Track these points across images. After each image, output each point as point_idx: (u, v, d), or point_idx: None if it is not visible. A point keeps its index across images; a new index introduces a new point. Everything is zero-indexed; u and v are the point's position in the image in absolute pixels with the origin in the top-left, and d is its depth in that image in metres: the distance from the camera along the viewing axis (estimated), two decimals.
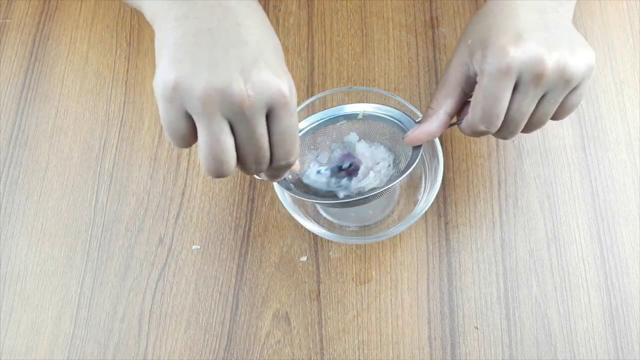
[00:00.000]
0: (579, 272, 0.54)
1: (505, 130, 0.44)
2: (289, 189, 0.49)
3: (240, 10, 0.39)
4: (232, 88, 0.36)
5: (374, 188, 0.49)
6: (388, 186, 0.47)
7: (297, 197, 0.49)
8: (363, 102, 0.52)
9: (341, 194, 0.50)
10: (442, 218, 0.56)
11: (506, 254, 0.55)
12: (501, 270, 0.54)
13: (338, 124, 0.52)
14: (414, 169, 0.47)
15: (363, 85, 0.61)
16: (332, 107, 0.52)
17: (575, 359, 0.51)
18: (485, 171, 0.58)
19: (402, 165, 0.50)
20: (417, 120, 0.48)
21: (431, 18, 0.64)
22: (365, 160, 0.51)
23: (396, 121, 0.50)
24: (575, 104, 0.44)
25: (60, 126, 0.60)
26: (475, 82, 0.43)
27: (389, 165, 0.51)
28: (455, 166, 0.58)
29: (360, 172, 0.51)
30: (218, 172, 0.39)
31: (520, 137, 0.59)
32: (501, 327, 0.52)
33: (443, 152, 0.51)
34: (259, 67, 0.37)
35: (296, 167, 0.47)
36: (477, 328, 0.52)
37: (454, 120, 0.46)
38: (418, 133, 0.46)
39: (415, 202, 0.53)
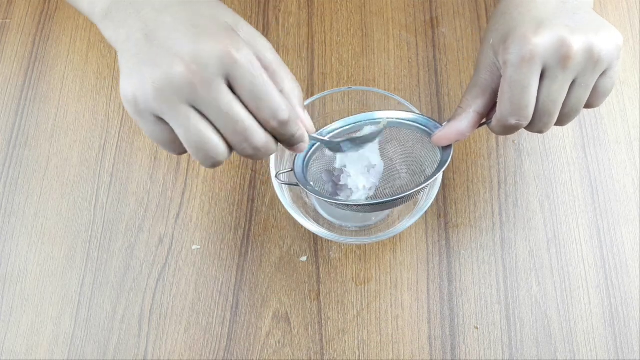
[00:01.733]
0: (579, 272, 0.54)
1: (538, 123, 0.43)
2: (306, 186, 0.47)
3: (176, 2, 0.39)
4: (175, 70, 0.35)
5: (404, 191, 0.47)
6: (420, 187, 0.45)
7: (320, 198, 0.47)
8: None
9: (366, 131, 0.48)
10: (442, 218, 0.56)
11: (506, 254, 0.55)
12: (501, 270, 0.54)
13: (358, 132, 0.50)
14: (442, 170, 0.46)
15: (363, 85, 0.61)
16: (336, 108, 0.51)
17: (575, 359, 0.51)
18: (485, 171, 0.58)
19: (429, 172, 0.48)
20: (444, 123, 0.47)
21: (431, 18, 0.64)
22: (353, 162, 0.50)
23: (422, 127, 0.48)
24: (609, 88, 0.43)
25: (60, 126, 0.60)
26: None
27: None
28: (455, 166, 0.58)
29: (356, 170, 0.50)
30: (211, 161, 0.38)
31: (520, 137, 0.59)
32: (501, 327, 0.52)
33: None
34: (196, 43, 0.36)
35: (308, 125, 0.43)
36: (477, 328, 0.52)
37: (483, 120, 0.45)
38: (447, 132, 0.45)
39: (415, 202, 0.53)
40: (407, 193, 0.45)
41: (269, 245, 0.55)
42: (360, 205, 0.47)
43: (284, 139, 0.40)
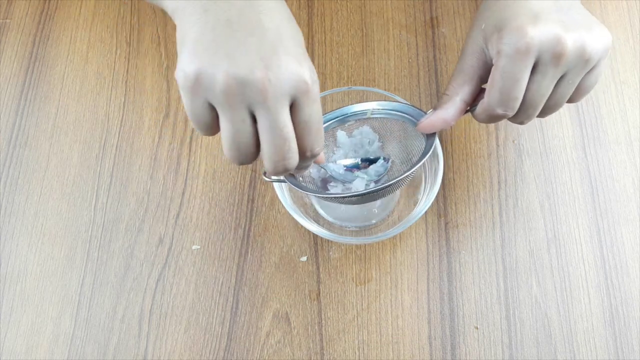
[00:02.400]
0: (579, 272, 0.54)
1: (522, 114, 0.43)
2: (297, 186, 0.47)
3: (260, 0, 0.39)
4: (253, 76, 0.35)
5: (386, 181, 0.48)
6: (403, 176, 0.45)
7: (306, 192, 0.47)
8: (365, 101, 0.52)
9: (357, 186, 0.50)
10: (442, 218, 0.56)
11: (506, 254, 0.55)
12: (501, 270, 0.54)
13: (347, 124, 0.51)
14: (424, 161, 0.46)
15: (363, 85, 0.61)
16: (335, 108, 0.52)
17: (575, 359, 0.51)
18: (485, 171, 0.58)
19: (415, 160, 0.49)
20: (428, 112, 0.47)
21: (431, 18, 0.64)
22: (345, 148, 0.51)
23: (407, 116, 0.49)
24: (592, 85, 0.43)
25: (60, 126, 0.60)
26: (491, 68, 0.42)
27: (384, 161, 0.51)
28: (455, 166, 0.58)
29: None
30: (241, 161, 0.39)
31: (521, 137, 0.59)
32: (501, 327, 0.52)
33: (443, 152, 0.51)
34: (279, 55, 0.36)
35: (321, 158, 0.46)
36: (477, 328, 0.52)
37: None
38: (433, 119, 0.45)
39: (415, 202, 0.53)
40: (391, 182, 0.45)
41: (269, 245, 0.55)
42: (346, 196, 0.47)
43: (300, 165, 0.42)
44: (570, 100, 0.44)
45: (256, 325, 0.53)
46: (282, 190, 0.51)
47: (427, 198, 0.50)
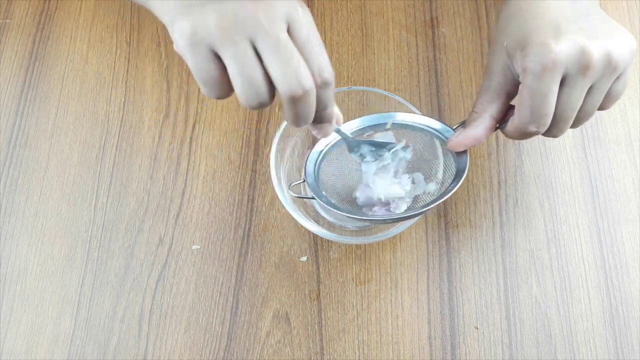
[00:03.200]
0: (579, 272, 0.54)
1: (554, 129, 0.43)
2: (319, 196, 0.47)
3: None
4: (244, 8, 0.36)
5: (416, 201, 0.47)
6: (442, 199, 0.45)
7: (334, 210, 0.47)
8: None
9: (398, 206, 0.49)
10: (442, 218, 0.56)
11: (506, 254, 0.55)
12: (501, 270, 0.54)
13: (365, 135, 0.50)
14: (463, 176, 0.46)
15: (363, 85, 0.61)
16: (352, 114, 0.50)
17: (575, 359, 0.51)
18: (485, 171, 0.58)
19: (439, 174, 0.48)
20: (454, 127, 0.46)
21: (431, 18, 0.64)
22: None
23: (431, 129, 0.48)
24: (622, 91, 0.43)
25: (60, 126, 0.60)
26: (517, 85, 0.42)
27: (413, 182, 0.50)
28: None
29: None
30: (259, 101, 0.38)
31: None
32: (501, 327, 0.52)
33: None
34: None
35: (338, 116, 0.44)
36: (477, 328, 0.52)
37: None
38: (464, 138, 0.45)
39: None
40: (430, 207, 0.45)
41: (269, 245, 0.55)
42: (378, 220, 0.47)
43: (319, 107, 0.40)
44: (600, 108, 0.44)
45: (256, 325, 0.53)
46: (282, 190, 0.51)
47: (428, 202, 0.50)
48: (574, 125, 0.44)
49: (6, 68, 0.62)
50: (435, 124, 0.48)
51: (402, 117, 0.49)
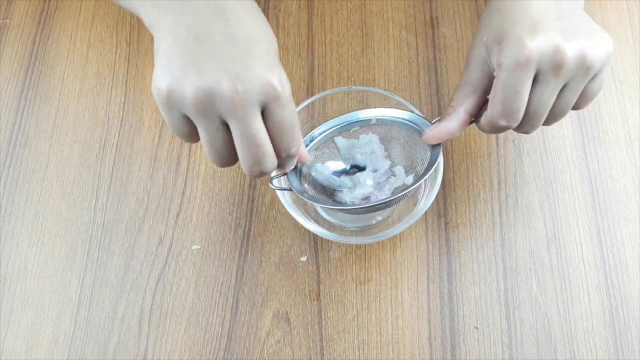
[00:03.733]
0: (579, 272, 0.54)
1: (527, 125, 0.44)
2: (301, 193, 0.48)
3: (229, 9, 0.39)
4: (221, 87, 0.36)
5: (394, 192, 0.48)
6: (410, 189, 0.46)
7: (308, 200, 0.48)
8: (364, 102, 0.52)
9: (344, 194, 0.50)
10: (442, 218, 0.56)
11: (506, 254, 0.55)
12: (501, 270, 0.54)
13: (351, 130, 0.51)
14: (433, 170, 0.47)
15: (363, 85, 0.61)
16: (336, 108, 0.52)
17: (575, 359, 0.51)
18: (485, 171, 0.58)
19: (420, 169, 0.49)
20: (433, 121, 0.47)
21: (431, 18, 0.64)
22: (344, 151, 0.52)
23: (412, 124, 0.49)
24: (597, 91, 0.44)
25: (60, 126, 0.60)
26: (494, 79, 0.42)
27: (389, 177, 0.51)
28: (455, 166, 0.58)
29: (364, 174, 0.51)
30: (223, 164, 0.41)
31: (520, 137, 0.59)
32: (501, 327, 0.52)
33: (443, 152, 0.51)
34: (247, 63, 0.37)
35: (303, 156, 0.46)
36: (477, 328, 0.52)
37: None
38: (438, 131, 0.46)
39: (415, 202, 0.53)
40: (398, 195, 0.47)
41: (269, 245, 0.55)
42: (354, 208, 0.48)
43: (282, 164, 0.43)
44: (575, 107, 0.44)
45: (256, 325, 0.53)
46: (282, 191, 0.51)
47: (427, 198, 0.50)
48: (547, 123, 0.45)
49: (6, 68, 0.62)
50: (414, 118, 0.49)
51: (381, 112, 0.50)
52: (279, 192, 0.50)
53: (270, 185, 0.48)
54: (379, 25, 0.64)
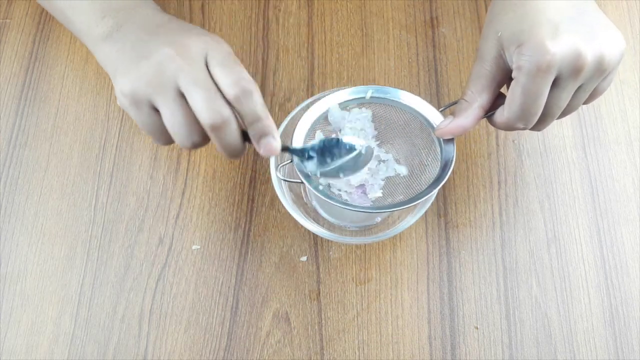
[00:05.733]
0: (579, 272, 0.54)
1: (540, 124, 0.44)
2: (316, 188, 0.47)
3: (159, 19, 0.46)
4: (165, 54, 0.41)
5: (416, 196, 0.47)
6: (432, 192, 0.45)
7: (326, 199, 0.46)
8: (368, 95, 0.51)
9: (339, 182, 0.49)
10: (442, 218, 0.56)
11: (506, 254, 0.55)
12: (501, 270, 0.54)
13: (348, 107, 0.50)
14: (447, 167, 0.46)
15: (363, 85, 0.61)
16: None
17: (575, 359, 0.51)
18: (485, 171, 0.58)
19: (416, 158, 0.48)
20: (441, 109, 0.47)
21: (431, 18, 0.64)
22: (338, 124, 0.50)
23: (414, 108, 0.48)
24: (606, 88, 0.44)
25: (60, 126, 0.60)
26: (509, 75, 0.42)
27: (379, 163, 0.51)
28: (455, 166, 0.58)
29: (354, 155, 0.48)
30: (192, 139, 0.43)
31: (520, 137, 0.59)
32: (501, 327, 0.52)
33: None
34: (184, 34, 0.43)
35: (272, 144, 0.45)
36: (477, 328, 0.52)
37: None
38: (453, 127, 0.45)
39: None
40: (415, 202, 0.46)
41: (269, 245, 0.55)
42: (362, 209, 0.47)
43: (250, 118, 0.42)
44: (583, 103, 0.45)
45: (256, 325, 0.53)
46: (282, 190, 0.51)
47: (427, 198, 0.50)
48: (557, 119, 0.45)
49: (6, 68, 0.62)
50: (421, 104, 0.48)
51: (383, 91, 0.49)
52: (278, 192, 0.50)
53: (278, 175, 0.48)
54: (379, 25, 0.64)
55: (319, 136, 0.50)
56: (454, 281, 0.54)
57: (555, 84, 0.41)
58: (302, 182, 0.47)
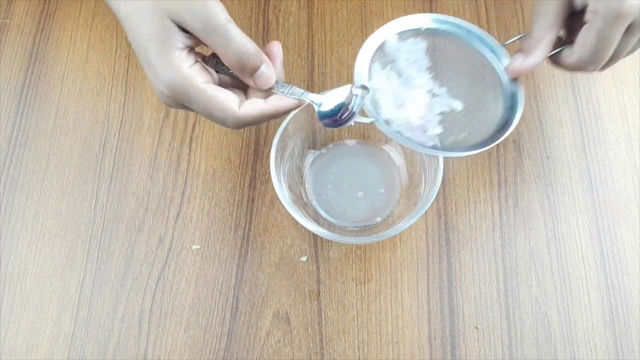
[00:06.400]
0: (579, 272, 0.54)
1: (606, 67, 0.44)
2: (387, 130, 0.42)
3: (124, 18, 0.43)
4: (157, 90, 0.42)
5: (489, 138, 0.44)
6: (504, 136, 0.43)
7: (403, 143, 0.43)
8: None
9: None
10: (442, 218, 0.56)
11: (506, 254, 0.55)
12: (501, 270, 0.54)
13: (405, 37, 0.46)
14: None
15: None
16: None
17: (575, 359, 0.51)
18: (485, 171, 0.58)
19: (472, 94, 0.45)
20: (505, 44, 0.45)
21: None
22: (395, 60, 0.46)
23: (477, 41, 0.46)
24: None
25: (60, 126, 0.60)
26: (576, 13, 0.42)
27: (434, 97, 0.46)
28: (455, 166, 0.58)
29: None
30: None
31: (520, 137, 0.59)
32: (501, 327, 0.52)
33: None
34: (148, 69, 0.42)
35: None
36: (477, 328, 0.52)
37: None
38: (527, 65, 0.44)
39: (415, 202, 0.53)
40: (490, 145, 0.43)
41: (269, 245, 0.55)
42: (442, 152, 0.44)
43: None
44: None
45: (256, 325, 0.53)
46: (282, 190, 0.51)
47: (427, 198, 0.50)
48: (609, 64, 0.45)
49: (6, 68, 0.62)
50: (485, 36, 0.46)
51: (443, 18, 0.46)
52: (278, 192, 0.50)
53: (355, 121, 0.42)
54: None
55: (376, 69, 0.46)
56: (454, 281, 0.54)
57: (627, 29, 0.41)
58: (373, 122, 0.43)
